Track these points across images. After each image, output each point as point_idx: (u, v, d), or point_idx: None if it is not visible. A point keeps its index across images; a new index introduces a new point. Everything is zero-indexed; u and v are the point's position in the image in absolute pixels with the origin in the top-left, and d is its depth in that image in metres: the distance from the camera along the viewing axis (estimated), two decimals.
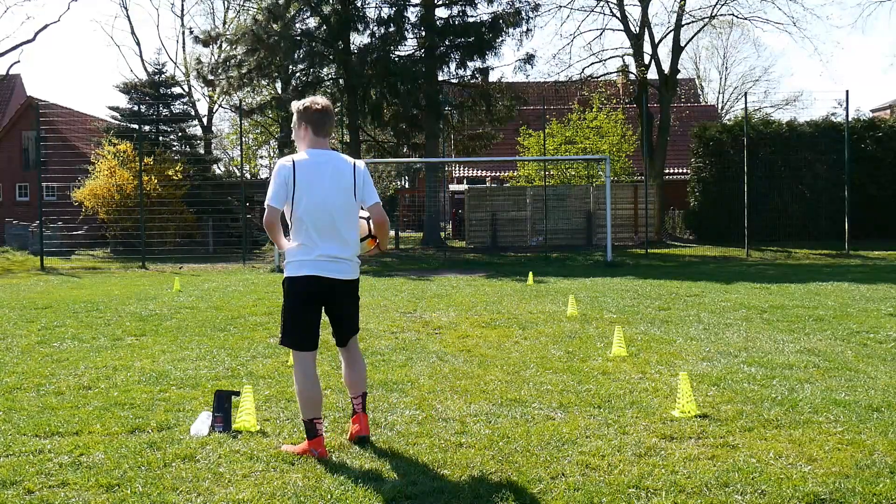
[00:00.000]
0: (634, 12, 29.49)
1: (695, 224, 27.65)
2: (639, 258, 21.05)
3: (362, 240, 4.76)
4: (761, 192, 23.89)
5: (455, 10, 26.16)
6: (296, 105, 4.64)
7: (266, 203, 4.46)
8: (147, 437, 4.75)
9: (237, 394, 4.97)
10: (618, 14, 28.19)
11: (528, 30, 25.84)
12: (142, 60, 46.90)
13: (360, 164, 4.65)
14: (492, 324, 9.20)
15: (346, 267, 4.59)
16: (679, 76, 31.59)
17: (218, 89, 29.51)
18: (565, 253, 22.73)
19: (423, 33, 25.79)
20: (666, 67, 28.25)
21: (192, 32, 34.20)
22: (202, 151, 34.47)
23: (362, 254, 4.84)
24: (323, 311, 4.69)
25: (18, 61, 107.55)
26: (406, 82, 24.97)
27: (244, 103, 33.16)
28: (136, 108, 27.76)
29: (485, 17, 25.95)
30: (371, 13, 26.06)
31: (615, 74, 31.89)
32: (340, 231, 4.53)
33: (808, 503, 3.67)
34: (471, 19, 25.89)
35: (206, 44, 28.99)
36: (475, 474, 4.07)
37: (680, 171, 34.22)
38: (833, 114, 28.50)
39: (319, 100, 4.64)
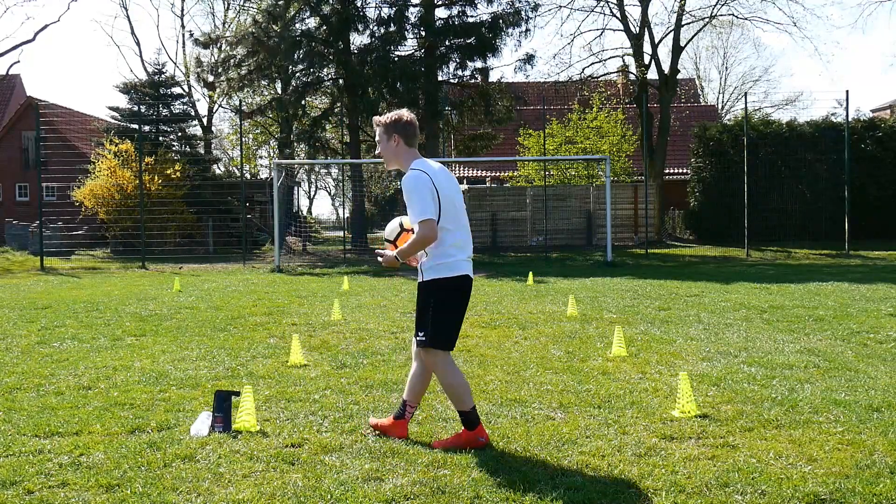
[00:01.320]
0: (634, 12, 29.53)
1: (695, 224, 27.65)
2: (639, 258, 21.06)
3: (394, 240, 4.71)
4: (761, 192, 23.90)
5: (455, 10, 26.17)
6: (382, 119, 4.67)
7: (421, 218, 4.37)
8: (147, 437, 4.75)
9: (237, 394, 4.97)
10: (618, 14, 28.20)
11: (527, 30, 25.87)
12: (142, 60, 46.97)
13: None
14: (492, 324, 9.20)
15: None
16: (679, 76, 31.59)
17: (218, 90, 29.55)
18: (565, 253, 22.74)
19: (423, 33, 25.80)
20: (666, 67, 28.25)
21: (192, 35, 34.19)
22: (202, 151, 34.48)
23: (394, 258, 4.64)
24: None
25: (18, 61, 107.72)
26: (406, 82, 24.98)
27: (244, 103, 33.18)
28: (136, 108, 27.76)
29: (484, 17, 25.97)
30: (371, 13, 26.10)
31: (615, 74, 31.90)
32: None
33: (808, 503, 3.67)
34: (470, 19, 25.89)
35: (206, 46, 29.01)
36: (475, 474, 4.07)
37: (680, 171, 34.22)
38: (833, 114, 28.47)
39: (405, 112, 4.67)
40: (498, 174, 36.07)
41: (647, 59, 28.22)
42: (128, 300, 12.13)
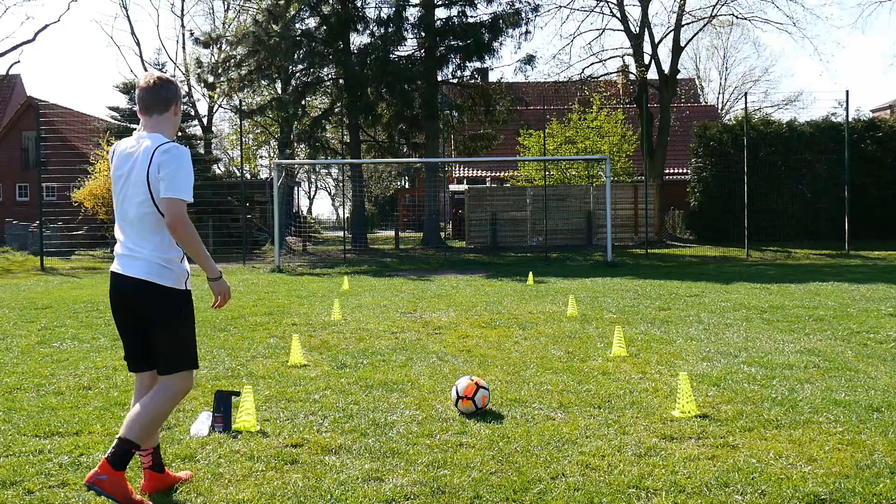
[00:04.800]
0: (634, 12, 29.55)
1: (695, 224, 27.65)
2: (639, 258, 21.06)
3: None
4: (761, 192, 23.90)
5: (454, 10, 26.18)
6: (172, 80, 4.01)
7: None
8: None
9: (237, 394, 4.97)
10: (618, 14, 28.22)
11: (527, 31, 25.89)
12: (142, 60, 46.90)
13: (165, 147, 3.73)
14: (492, 324, 9.20)
15: None
16: (679, 76, 31.58)
17: (218, 90, 29.53)
18: (565, 253, 22.73)
19: (423, 34, 25.81)
20: (666, 67, 28.25)
21: (192, 35, 34.22)
22: (202, 151, 34.47)
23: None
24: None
25: (18, 61, 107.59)
26: (405, 83, 24.98)
27: (244, 104, 33.16)
28: (136, 108, 27.73)
29: (484, 18, 25.98)
30: (371, 13, 26.11)
31: (615, 74, 31.90)
32: None
33: (808, 503, 3.67)
34: (470, 20, 25.90)
35: (206, 45, 29.01)
36: (475, 474, 4.07)
37: (680, 171, 34.23)
38: (833, 114, 28.47)
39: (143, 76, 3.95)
40: (498, 174, 36.08)
41: (647, 59, 28.24)
42: None
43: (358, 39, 26.57)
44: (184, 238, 3.69)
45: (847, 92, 22.03)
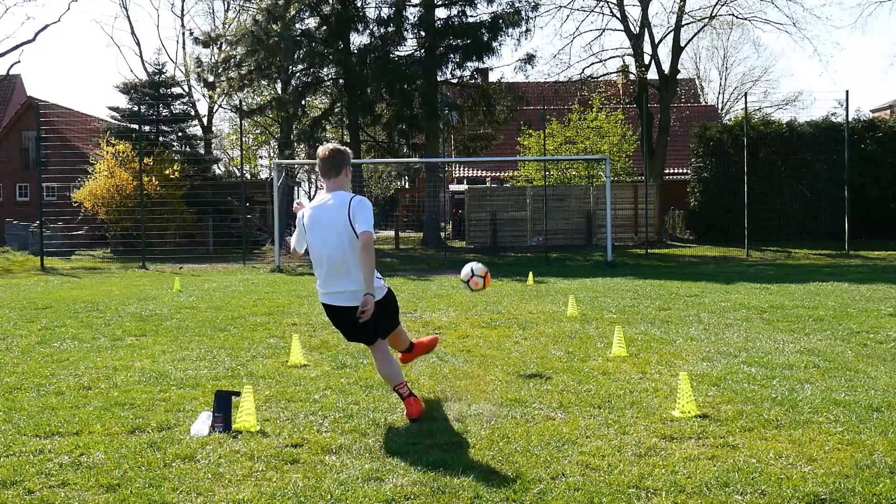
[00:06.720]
0: (634, 12, 29.48)
1: (695, 224, 27.65)
2: (639, 258, 21.06)
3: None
4: (761, 192, 23.90)
5: (454, 10, 26.17)
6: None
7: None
8: (147, 437, 4.75)
9: (237, 394, 4.97)
10: (618, 14, 28.19)
11: (527, 30, 25.88)
12: (142, 61, 46.85)
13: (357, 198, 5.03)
14: (492, 324, 9.20)
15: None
16: (679, 76, 31.55)
17: (218, 90, 29.53)
18: (565, 253, 22.73)
19: (423, 34, 25.81)
20: (666, 68, 28.24)
21: (192, 34, 34.22)
22: (202, 151, 34.46)
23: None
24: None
25: (19, 61, 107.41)
26: (405, 82, 24.98)
27: (244, 103, 33.17)
28: (136, 108, 27.76)
29: (484, 18, 25.97)
30: (371, 13, 26.11)
31: (615, 74, 31.87)
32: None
33: (808, 503, 3.67)
34: (470, 19, 25.90)
35: (206, 45, 29.00)
36: (475, 474, 4.07)
37: (680, 171, 34.22)
38: (833, 114, 28.46)
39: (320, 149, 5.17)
40: (498, 174, 36.07)
41: (647, 59, 28.21)
42: (128, 300, 12.12)
43: (358, 39, 26.58)
44: (365, 257, 4.84)
45: (847, 92, 22.07)
